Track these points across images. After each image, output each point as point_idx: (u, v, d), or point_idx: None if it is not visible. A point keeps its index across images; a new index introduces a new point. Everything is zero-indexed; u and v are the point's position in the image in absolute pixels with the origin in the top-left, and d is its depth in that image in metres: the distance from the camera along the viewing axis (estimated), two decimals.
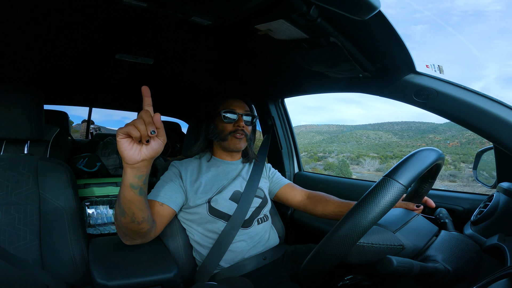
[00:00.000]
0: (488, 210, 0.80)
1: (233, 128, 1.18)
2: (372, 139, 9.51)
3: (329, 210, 1.17)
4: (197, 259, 1.14)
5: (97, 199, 1.78)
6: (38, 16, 1.10)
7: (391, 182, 0.58)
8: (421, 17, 42.47)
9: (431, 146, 0.70)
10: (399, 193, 0.57)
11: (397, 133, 8.03)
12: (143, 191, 0.81)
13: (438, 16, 42.60)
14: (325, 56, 0.95)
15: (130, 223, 0.84)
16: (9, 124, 1.08)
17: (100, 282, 0.86)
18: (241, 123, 1.18)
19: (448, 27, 52.85)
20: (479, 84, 69.03)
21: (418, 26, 49.30)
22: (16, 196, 1.05)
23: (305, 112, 58.23)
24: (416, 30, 50.69)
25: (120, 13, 1.06)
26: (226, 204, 1.11)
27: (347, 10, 0.65)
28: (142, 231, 0.89)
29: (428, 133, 8.78)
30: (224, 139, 1.19)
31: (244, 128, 1.19)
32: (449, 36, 47.91)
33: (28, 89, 1.11)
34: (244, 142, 1.21)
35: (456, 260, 0.64)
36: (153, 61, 1.58)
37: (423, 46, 45.36)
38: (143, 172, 0.77)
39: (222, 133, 1.19)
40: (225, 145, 1.20)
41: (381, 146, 8.95)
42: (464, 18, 53.97)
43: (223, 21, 0.95)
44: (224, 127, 1.19)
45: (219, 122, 1.20)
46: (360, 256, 0.64)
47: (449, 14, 49.74)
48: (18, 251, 1.00)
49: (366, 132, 9.82)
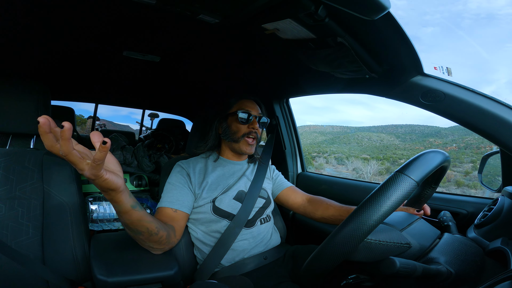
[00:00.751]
0: (492, 214, 0.79)
1: (247, 130, 1.17)
2: (373, 141, 9.45)
3: (329, 214, 1.17)
4: (198, 257, 1.14)
5: (100, 195, 1.79)
6: (47, 12, 1.11)
7: (403, 177, 0.58)
8: (432, 19, 42.45)
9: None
10: (411, 188, 0.57)
11: (400, 136, 7.98)
12: (139, 204, 0.83)
13: (450, 18, 42.51)
14: (332, 57, 0.95)
15: (149, 237, 0.88)
16: (16, 119, 1.09)
17: (100, 278, 0.86)
18: (256, 125, 1.17)
19: (459, 30, 51.82)
20: (490, 88, 68.51)
21: (428, 28, 48.47)
22: (20, 191, 1.05)
23: (311, 112, 57.97)
24: (426, 32, 50.23)
25: (128, 10, 1.06)
26: (230, 203, 1.11)
27: (356, 10, 0.65)
28: (163, 238, 0.92)
29: (429, 137, 8.71)
30: (237, 140, 1.18)
31: (257, 131, 1.18)
32: (460, 39, 48.29)
33: (36, 84, 1.12)
34: (255, 146, 1.21)
35: (459, 262, 0.64)
36: (159, 58, 1.58)
37: (433, 48, 45.45)
38: (127, 188, 0.77)
39: (235, 134, 1.18)
40: (236, 147, 1.19)
41: (379, 149, 8.92)
42: (476, 21, 53.55)
43: (231, 19, 0.95)
44: (238, 128, 1.18)
45: (233, 122, 1.19)
46: (367, 254, 0.64)
47: (461, 17, 49.47)
48: (20, 246, 1.00)
49: (368, 134, 9.78)
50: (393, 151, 5.45)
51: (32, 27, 1.23)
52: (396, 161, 8.20)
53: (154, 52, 1.52)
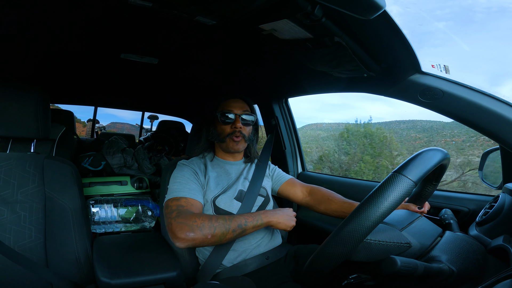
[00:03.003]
0: (493, 211, 0.79)
1: (230, 130, 1.17)
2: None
3: (332, 209, 1.17)
4: (200, 258, 1.14)
5: (101, 198, 1.79)
6: (44, 15, 1.11)
7: (400, 178, 0.58)
8: (442, 14, 38.59)
9: (415, 145, 0.70)
10: (409, 188, 0.57)
11: (397, 132, 7.88)
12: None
13: (461, 13, 37.83)
14: (330, 56, 0.95)
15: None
16: (15, 123, 1.09)
17: (103, 281, 0.87)
18: (238, 124, 1.16)
19: (473, 23, 43.61)
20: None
21: (441, 23, 42.95)
22: (22, 194, 1.06)
23: (328, 110, 47.34)
24: (439, 28, 45.34)
25: (125, 13, 1.06)
26: (231, 203, 1.11)
27: (352, 9, 0.65)
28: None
29: (421, 132, 8.54)
30: (223, 141, 1.18)
31: (241, 130, 1.17)
32: (476, 32, 40.58)
33: (34, 89, 1.13)
34: (243, 144, 1.20)
35: (461, 260, 0.64)
36: (157, 60, 1.58)
37: (447, 42, 40.57)
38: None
39: (220, 135, 1.18)
40: (224, 146, 1.20)
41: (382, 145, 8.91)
42: (488, 14, 45.99)
43: (228, 21, 0.95)
44: (222, 129, 1.18)
45: (217, 124, 1.19)
46: (367, 254, 0.64)
47: (472, 11, 41.67)
48: (23, 250, 1.01)
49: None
50: (374, 145, 5.50)
51: (29, 31, 1.23)
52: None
53: (152, 54, 1.52)
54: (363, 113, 14.18)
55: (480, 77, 6.63)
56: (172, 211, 0.96)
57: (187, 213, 0.94)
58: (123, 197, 1.77)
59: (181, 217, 0.92)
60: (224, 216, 0.96)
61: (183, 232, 0.88)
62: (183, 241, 0.89)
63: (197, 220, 0.91)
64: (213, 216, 0.95)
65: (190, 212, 0.96)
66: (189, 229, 0.89)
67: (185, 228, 0.89)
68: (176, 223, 0.91)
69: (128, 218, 1.68)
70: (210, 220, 0.92)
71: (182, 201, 1.00)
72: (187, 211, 0.96)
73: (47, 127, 1.15)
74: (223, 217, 0.95)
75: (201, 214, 0.95)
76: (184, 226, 0.89)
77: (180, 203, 0.99)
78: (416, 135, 6.10)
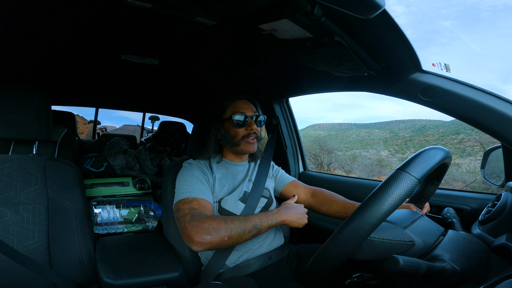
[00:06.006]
0: (496, 210, 0.79)
1: (245, 132, 1.16)
2: (361, 136, 9.43)
3: (334, 210, 1.17)
4: (202, 258, 1.14)
5: (104, 199, 1.80)
6: (44, 17, 1.11)
7: (404, 175, 0.58)
8: (448, 13, 36.90)
9: (404, 143, 0.70)
10: (412, 186, 0.57)
11: (393, 131, 7.87)
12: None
13: (466, 12, 36.07)
14: (330, 55, 0.95)
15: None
16: (17, 125, 1.10)
17: (107, 282, 0.87)
18: (253, 126, 1.16)
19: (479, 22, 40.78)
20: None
21: (447, 21, 41.06)
22: (24, 196, 1.06)
23: (337, 109, 24.72)
24: (445, 26, 42.62)
25: (125, 14, 1.07)
26: (235, 204, 1.11)
27: (351, 9, 0.65)
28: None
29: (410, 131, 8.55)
30: (237, 144, 1.17)
31: (256, 131, 1.17)
32: (484, 30, 38.51)
33: (36, 91, 1.13)
34: (256, 144, 1.20)
35: (464, 259, 0.63)
36: (158, 61, 1.59)
37: (455, 41, 37.94)
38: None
39: (234, 139, 1.16)
40: (238, 149, 1.18)
41: (352, 143, 8.95)
42: (494, 13, 43.37)
43: (227, 21, 0.95)
44: (236, 132, 1.16)
45: (230, 127, 1.17)
46: (370, 252, 0.64)
47: (478, 9, 39.10)
48: (27, 251, 1.01)
49: (365, 130, 9.70)
50: (364, 145, 5.69)
51: (29, 33, 1.24)
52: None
53: (152, 55, 1.52)
54: (372, 113, 14.05)
55: (492, 75, 6.55)
56: (185, 215, 0.95)
57: (201, 216, 0.94)
58: (125, 198, 1.77)
59: (195, 220, 0.92)
60: (239, 217, 0.96)
61: (199, 235, 0.88)
62: (200, 245, 0.88)
63: (212, 222, 0.90)
64: (228, 217, 0.95)
65: (204, 215, 0.95)
66: (206, 232, 0.88)
67: (201, 232, 0.88)
68: (191, 226, 0.90)
69: (131, 219, 1.68)
70: (225, 222, 0.91)
71: (194, 203, 1.00)
72: (200, 214, 0.95)
73: (49, 128, 1.16)
74: (238, 218, 0.95)
75: (215, 217, 0.95)
76: (200, 229, 0.89)
77: (192, 206, 0.99)
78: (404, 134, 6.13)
